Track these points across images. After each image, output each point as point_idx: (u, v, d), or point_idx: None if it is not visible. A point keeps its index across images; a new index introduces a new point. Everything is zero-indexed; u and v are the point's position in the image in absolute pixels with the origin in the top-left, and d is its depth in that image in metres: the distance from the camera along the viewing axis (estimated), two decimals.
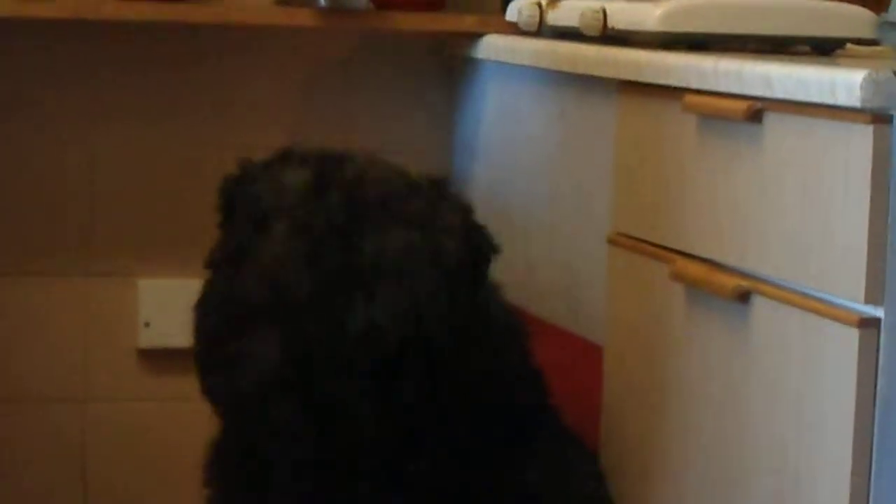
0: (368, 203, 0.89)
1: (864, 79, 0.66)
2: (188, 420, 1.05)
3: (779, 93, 0.77)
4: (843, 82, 0.68)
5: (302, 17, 1.33)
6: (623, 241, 1.02)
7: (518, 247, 1.15)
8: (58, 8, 1.27)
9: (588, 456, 1.05)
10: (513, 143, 1.29)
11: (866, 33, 1.07)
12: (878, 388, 0.65)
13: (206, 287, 0.93)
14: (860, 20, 1.08)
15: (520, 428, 0.98)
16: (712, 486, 0.85)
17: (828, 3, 1.12)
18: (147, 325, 1.40)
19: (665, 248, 0.95)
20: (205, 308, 0.92)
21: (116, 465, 1.40)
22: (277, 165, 0.94)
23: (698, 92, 0.89)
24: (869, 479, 0.65)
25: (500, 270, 0.99)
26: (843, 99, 0.68)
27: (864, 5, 1.13)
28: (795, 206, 0.76)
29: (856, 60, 1.00)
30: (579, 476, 1.01)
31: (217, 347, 0.90)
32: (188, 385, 0.96)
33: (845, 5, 1.12)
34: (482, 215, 0.96)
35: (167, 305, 1.36)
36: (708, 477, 0.86)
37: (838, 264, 0.69)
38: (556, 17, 1.18)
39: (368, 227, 0.88)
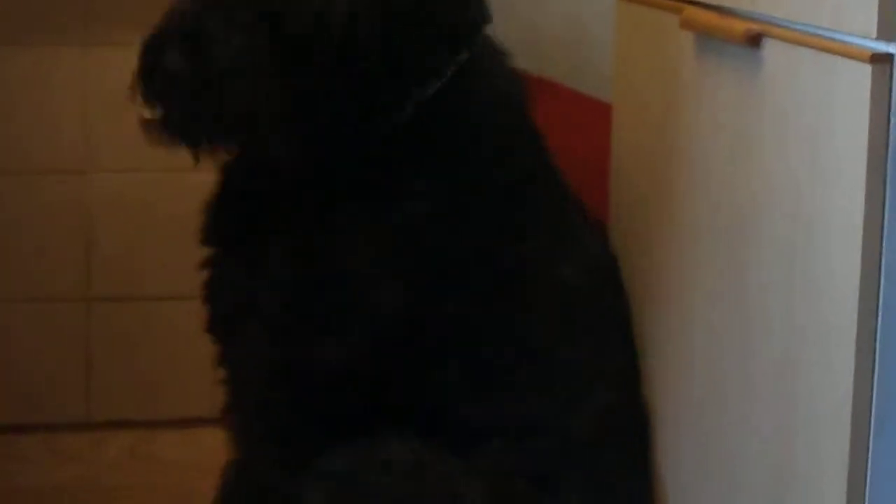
0: None
1: None
2: (192, 189, 1.05)
3: None
4: None
5: None
6: None
7: (523, 3, 1.10)
8: None
9: (592, 221, 1.06)
10: None
11: None
12: (891, 125, 0.62)
13: None
14: None
15: (517, 192, 0.98)
16: (723, 237, 0.85)
17: None
18: None
19: None
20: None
21: (121, 236, 1.43)
22: None
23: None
24: (882, 222, 0.63)
25: (503, 30, 0.95)
26: None
27: None
28: None
29: None
30: (582, 242, 1.02)
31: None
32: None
33: None
34: None
35: None
36: (718, 227, 0.85)
37: (850, 1, 0.65)
38: None
39: None
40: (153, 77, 0.91)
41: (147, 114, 0.93)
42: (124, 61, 0.94)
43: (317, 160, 0.94)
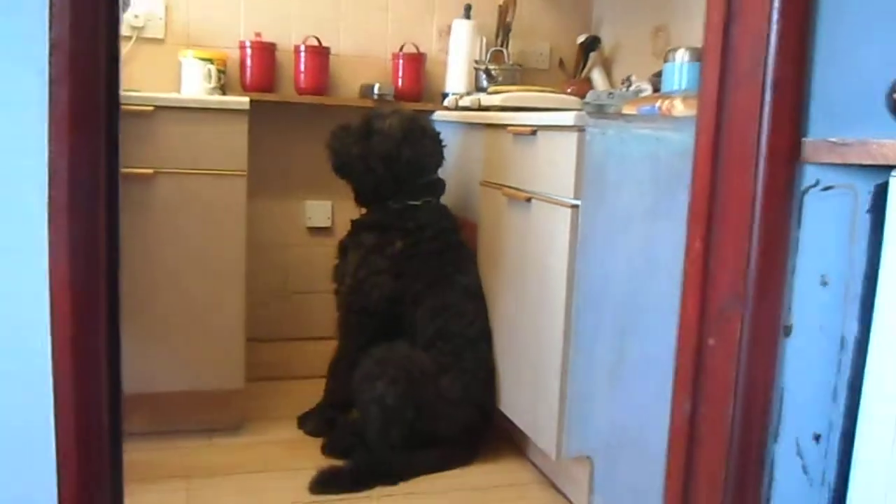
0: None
1: (574, 116, 2.30)
2: None
3: (543, 122, 2.39)
4: (567, 117, 2.32)
5: (364, 101, 2.97)
6: (487, 184, 2.67)
7: (452, 186, 2.78)
8: None
9: (474, 259, 2.71)
10: (458, 153, 2.90)
11: (577, 106, 2.73)
12: (578, 233, 2.30)
13: None
14: (573, 101, 2.74)
15: (446, 244, 2.63)
16: (514, 273, 2.52)
17: (557, 96, 2.78)
18: None
19: (499, 184, 2.58)
20: None
21: None
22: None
23: (514, 126, 2.51)
24: (574, 270, 2.33)
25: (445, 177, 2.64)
26: (566, 121, 2.31)
27: (572, 94, 2.80)
28: (542, 163, 2.40)
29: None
30: (471, 268, 2.68)
31: None
32: None
33: (563, 96, 2.79)
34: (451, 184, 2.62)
35: None
36: (511, 268, 2.51)
37: (563, 182, 2.34)
38: (462, 102, 2.83)
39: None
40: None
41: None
42: None
43: (365, 214, 2.60)
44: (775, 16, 1.35)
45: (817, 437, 1.52)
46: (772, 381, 1.44)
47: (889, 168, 1.34)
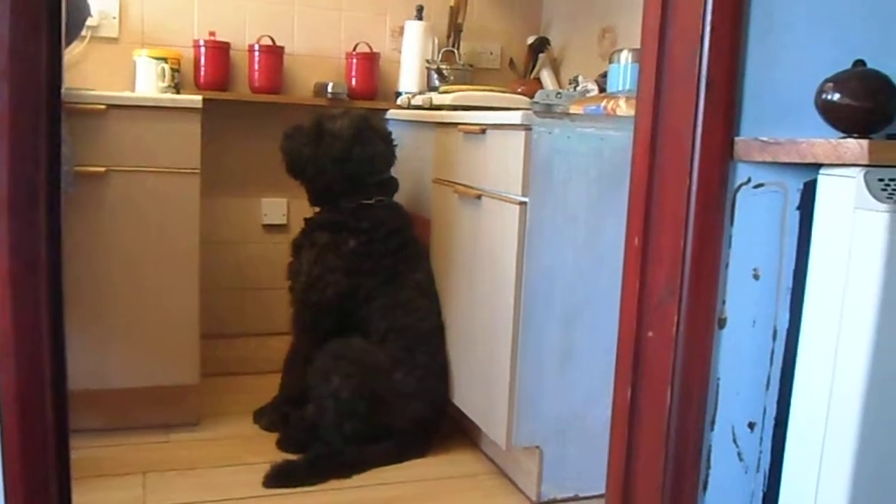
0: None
1: (521, 115, 2.31)
2: None
3: (492, 121, 2.40)
4: (515, 116, 2.33)
5: (318, 100, 2.94)
6: (438, 181, 2.67)
7: (405, 183, 2.78)
8: None
9: (426, 256, 2.71)
10: (411, 151, 2.89)
11: (525, 105, 2.74)
12: (526, 231, 2.31)
13: None
14: (522, 101, 2.75)
15: (400, 243, 2.63)
16: (465, 265, 2.52)
17: (506, 95, 2.79)
18: None
19: (450, 181, 2.59)
20: None
21: None
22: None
23: (464, 125, 2.51)
24: (523, 261, 2.34)
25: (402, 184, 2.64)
26: (514, 120, 2.32)
27: (523, 94, 2.82)
28: (492, 161, 2.41)
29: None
30: (424, 265, 2.67)
31: None
32: None
33: (513, 95, 2.80)
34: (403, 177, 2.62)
35: None
36: (462, 263, 2.52)
37: (513, 179, 2.34)
38: (415, 101, 2.83)
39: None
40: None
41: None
42: None
43: (319, 213, 2.59)
44: (709, 17, 1.38)
45: (751, 425, 1.55)
46: (707, 371, 1.46)
47: (818, 166, 1.38)
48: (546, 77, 3.19)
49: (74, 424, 2.55)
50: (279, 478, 2.24)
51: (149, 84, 2.79)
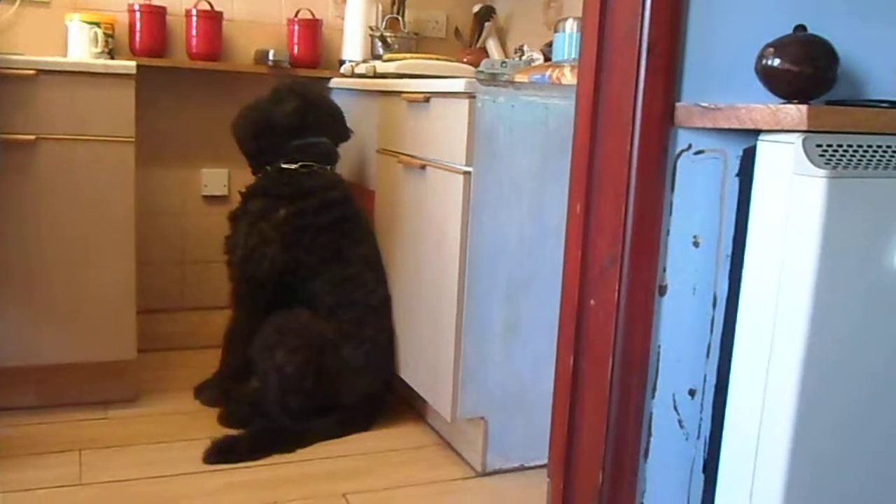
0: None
1: (465, 82, 2.27)
2: None
3: (435, 89, 2.36)
4: (458, 83, 2.30)
5: (259, 68, 2.86)
6: (383, 151, 2.63)
7: (348, 154, 2.73)
8: None
9: (371, 230, 2.68)
10: (355, 120, 2.84)
11: (470, 74, 2.71)
12: (470, 196, 2.28)
13: None
14: (467, 70, 2.71)
15: (342, 214, 2.58)
16: (410, 239, 2.49)
17: (451, 64, 2.75)
18: None
19: (395, 151, 2.55)
20: None
21: None
22: None
23: (408, 93, 2.47)
24: (467, 238, 2.32)
25: (344, 152, 2.59)
26: (457, 87, 2.29)
27: (468, 63, 2.78)
28: (436, 130, 2.38)
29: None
30: (370, 238, 2.63)
31: None
32: None
33: (457, 64, 2.76)
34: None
35: None
36: (407, 235, 2.49)
37: (457, 149, 2.31)
38: (358, 69, 2.77)
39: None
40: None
41: None
42: None
43: (255, 179, 2.53)
44: None
45: (692, 393, 1.56)
46: (648, 338, 1.46)
47: (757, 132, 1.37)
48: (492, 46, 3.16)
49: (5, 402, 2.51)
50: (220, 453, 2.20)
51: (81, 50, 2.69)
